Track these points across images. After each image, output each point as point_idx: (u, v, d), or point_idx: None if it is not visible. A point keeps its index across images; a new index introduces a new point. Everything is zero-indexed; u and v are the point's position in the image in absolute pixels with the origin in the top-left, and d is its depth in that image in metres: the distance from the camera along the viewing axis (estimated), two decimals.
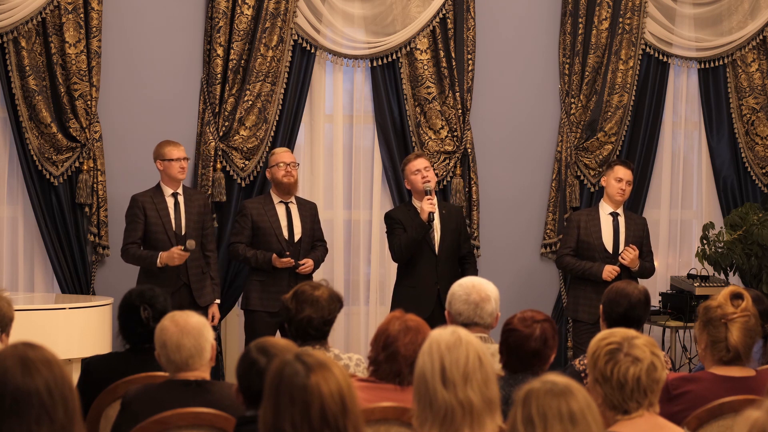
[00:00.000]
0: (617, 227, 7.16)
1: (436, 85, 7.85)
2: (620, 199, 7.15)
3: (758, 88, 8.41)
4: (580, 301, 7.10)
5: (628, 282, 4.87)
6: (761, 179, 8.43)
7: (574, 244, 7.17)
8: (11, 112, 7.14)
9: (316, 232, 7.05)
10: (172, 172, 6.76)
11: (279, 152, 7.00)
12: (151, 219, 6.73)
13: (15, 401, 2.26)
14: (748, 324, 3.93)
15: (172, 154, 6.78)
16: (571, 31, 8.10)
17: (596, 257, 7.08)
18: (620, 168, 7.16)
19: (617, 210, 7.20)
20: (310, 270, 6.85)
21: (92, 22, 7.21)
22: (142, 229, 6.73)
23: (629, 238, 7.13)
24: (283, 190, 6.93)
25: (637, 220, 7.28)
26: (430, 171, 6.95)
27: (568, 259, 7.16)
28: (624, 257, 7.01)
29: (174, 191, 6.81)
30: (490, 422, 2.84)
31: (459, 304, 4.53)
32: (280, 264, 6.74)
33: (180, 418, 3.58)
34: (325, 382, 2.55)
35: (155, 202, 6.76)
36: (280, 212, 6.94)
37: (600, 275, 6.97)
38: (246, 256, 6.84)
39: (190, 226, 6.78)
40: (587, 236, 7.14)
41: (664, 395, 3.66)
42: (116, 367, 4.29)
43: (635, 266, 7.03)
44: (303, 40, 7.71)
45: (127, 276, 6.86)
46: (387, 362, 3.85)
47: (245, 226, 6.89)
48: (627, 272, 7.03)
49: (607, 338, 3.15)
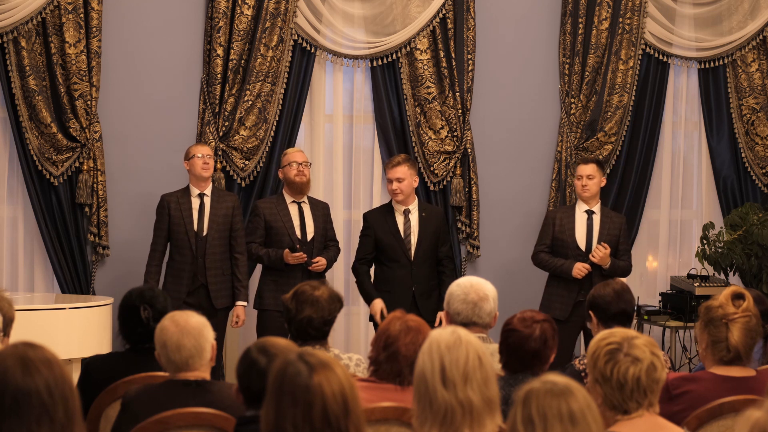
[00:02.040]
0: (591, 225, 7.21)
1: (436, 85, 7.85)
2: (587, 195, 7.20)
3: (758, 88, 8.41)
4: (553, 298, 7.17)
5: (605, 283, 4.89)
6: (761, 179, 8.43)
7: (549, 242, 7.25)
8: (11, 112, 7.15)
9: (328, 232, 7.08)
10: (196, 168, 6.82)
11: (291, 152, 7.03)
12: (174, 218, 6.81)
13: (15, 401, 2.26)
14: (749, 324, 3.93)
15: (195, 151, 6.88)
16: (571, 31, 8.10)
17: (569, 254, 7.14)
18: (579, 166, 7.27)
19: (593, 208, 7.24)
20: (322, 268, 6.88)
21: (92, 22, 7.21)
22: (167, 228, 6.82)
23: (603, 236, 7.17)
24: (295, 189, 6.95)
25: (614, 218, 7.30)
26: (401, 183, 6.92)
27: (542, 255, 7.25)
28: (594, 255, 7.06)
29: (201, 192, 6.85)
30: (490, 422, 2.84)
31: (457, 303, 4.52)
32: (293, 259, 6.76)
33: (180, 418, 3.58)
34: (328, 383, 2.55)
35: (180, 202, 6.84)
36: (292, 212, 6.96)
37: (570, 273, 7.03)
38: (259, 255, 6.88)
39: (214, 228, 6.83)
40: (561, 234, 7.22)
41: (664, 395, 3.66)
42: (116, 367, 4.29)
43: (606, 264, 7.06)
44: (303, 40, 7.71)
45: (128, 276, 6.86)
46: (387, 362, 3.85)
47: (258, 225, 6.92)
48: (599, 270, 7.07)
49: (607, 338, 3.15)
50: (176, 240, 6.83)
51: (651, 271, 8.55)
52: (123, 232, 7.36)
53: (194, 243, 6.78)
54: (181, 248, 6.80)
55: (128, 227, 7.36)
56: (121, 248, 7.33)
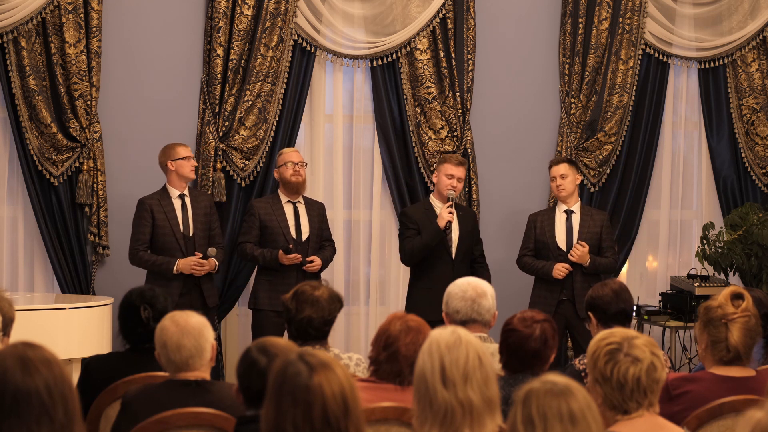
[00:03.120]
0: (570, 225, 7.23)
1: (436, 85, 7.85)
2: (563, 195, 7.20)
3: (758, 88, 8.41)
4: (538, 299, 7.19)
5: (602, 284, 4.89)
6: (761, 179, 8.43)
7: (532, 245, 7.29)
8: (11, 112, 7.14)
9: (324, 232, 7.07)
10: (185, 171, 6.78)
11: (287, 152, 7.03)
12: (158, 221, 6.75)
13: (15, 401, 2.26)
14: (749, 324, 3.93)
15: (183, 152, 6.82)
16: (571, 31, 8.10)
17: (551, 256, 7.18)
18: (551, 167, 7.31)
19: (572, 207, 7.28)
20: (317, 268, 6.87)
21: (92, 22, 7.21)
22: (149, 232, 6.74)
23: (583, 235, 7.19)
24: (291, 189, 6.95)
25: (595, 216, 7.32)
26: (460, 183, 7.01)
27: (525, 259, 7.29)
28: (572, 254, 7.08)
29: (181, 193, 6.82)
30: (490, 422, 2.84)
31: (456, 301, 4.53)
32: (287, 261, 6.75)
33: (180, 418, 3.58)
34: (328, 383, 2.55)
35: (162, 204, 6.77)
36: (287, 212, 6.96)
37: (551, 274, 7.06)
38: (254, 255, 6.87)
39: (198, 227, 6.81)
40: (542, 236, 7.26)
41: (664, 395, 3.66)
42: (116, 367, 4.29)
43: (585, 262, 7.08)
44: (303, 40, 7.71)
45: (127, 276, 6.86)
46: (388, 362, 3.85)
47: (253, 225, 6.91)
48: (580, 269, 7.08)
49: (607, 338, 3.15)
50: (162, 243, 6.74)
51: (651, 271, 8.55)
52: (123, 232, 7.34)
53: (183, 244, 6.73)
54: (169, 251, 6.71)
55: (128, 227, 7.33)
56: (121, 248, 7.32)
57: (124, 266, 7.03)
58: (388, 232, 7.98)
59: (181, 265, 6.66)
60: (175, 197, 6.82)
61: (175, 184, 6.81)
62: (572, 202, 7.29)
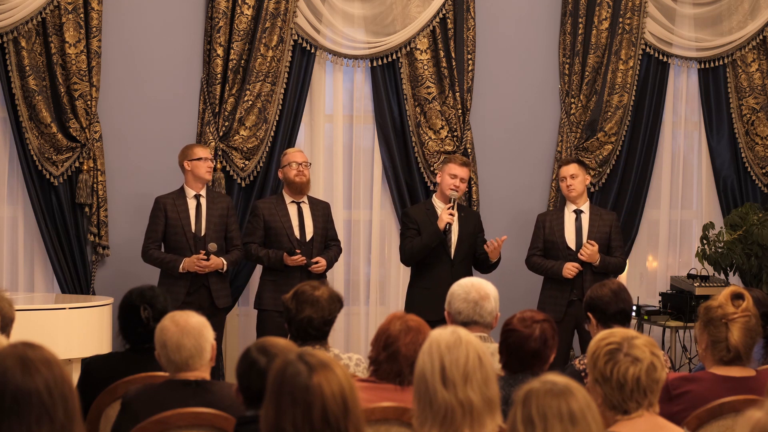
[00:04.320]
0: (580, 224, 7.24)
1: (436, 85, 7.85)
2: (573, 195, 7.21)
3: (758, 88, 8.41)
4: (547, 299, 7.19)
5: (601, 284, 4.89)
6: (761, 179, 8.43)
7: (541, 245, 7.30)
8: (11, 112, 7.14)
9: (329, 232, 7.07)
10: (200, 171, 6.81)
11: (291, 152, 7.03)
12: (171, 220, 6.79)
13: (15, 401, 2.26)
14: (749, 324, 3.93)
15: (199, 153, 6.86)
16: (571, 31, 8.10)
17: (560, 255, 7.17)
18: (561, 168, 7.36)
19: (581, 207, 7.28)
20: (322, 269, 6.87)
21: (92, 22, 7.21)
22: (162, 231, 6.78)
23: (592, 234, 7.19)
24: (295, 189, 6.95)
25: (604, 216, 7.33)
26: (463, 183, 6.98)
27: (534, 259, 7.30)
28: (582, 253, 7.08)
29: (197, 193, 6.84)
30: (490, 422, 2.84)
31: (458, 302, 4.52)
32: (292, 262, 6.76)
33: (180, 418, 3.58)
34: (328, 383, 2.55)
35: (177, 203, 6.81)
36: (291, 212, 6.96)
37: (561, 273, 7.06)
38: (258, 256, 6.87)
39: (211, 228, 6.82)
40: (551, 236, 7.26)
41: (664, 395, 3.66)
42: (116, 367, 4.29)
43: (595, 261, 7.08)
44: (303, 40, 7.71)
45: (127, 276, 6.86)
46: (387, 362, 3.85)
47: (257, 226, 6.92)
48: (590, 268, 7.08)
49: (607, 338, 3.15)
50: (173, 242, 6.80)
51: (651, 271, 8.55)
52: (123, 232, 7.36)
53: (192, 244, 6.77)
54: (179, 250, 6.77)
55: (128, 227, 7.36)
56: (121, 248, 7.33)
57: (124, 266, 7.03)
58: (388, 232, 7.99)
59: (187, 264, 6.68)
60: (191, 197, 6.85)
61: (191, 184, 6.85)
62: (581, 202, 7.29)
